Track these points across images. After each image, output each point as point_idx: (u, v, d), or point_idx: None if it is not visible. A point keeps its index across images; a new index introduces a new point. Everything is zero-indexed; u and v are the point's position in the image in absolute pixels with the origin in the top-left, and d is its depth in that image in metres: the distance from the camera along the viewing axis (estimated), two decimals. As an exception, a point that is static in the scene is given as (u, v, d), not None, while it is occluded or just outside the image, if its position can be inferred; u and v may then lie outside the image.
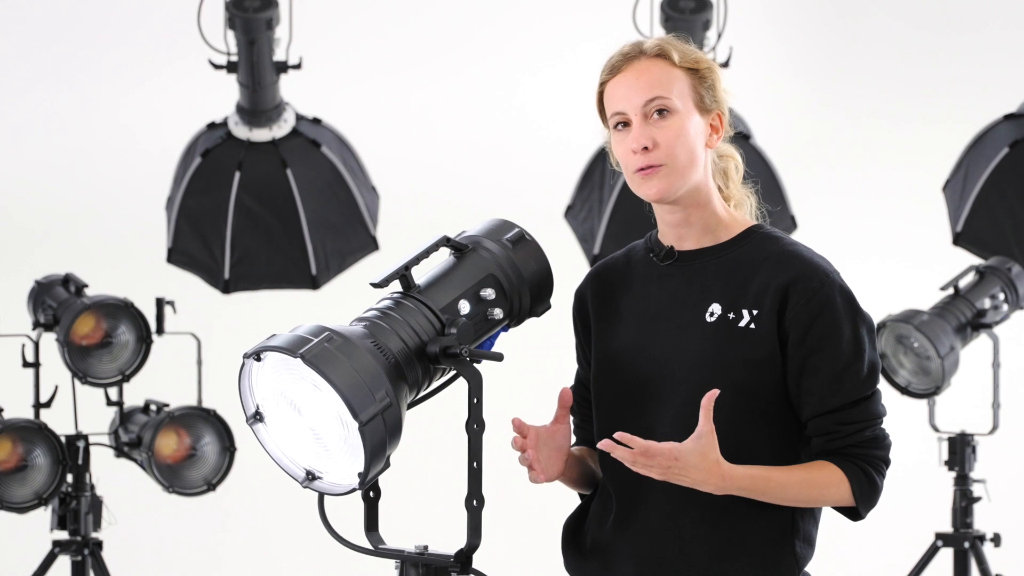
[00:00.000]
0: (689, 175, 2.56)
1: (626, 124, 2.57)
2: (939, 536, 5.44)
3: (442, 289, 2.49)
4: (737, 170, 2.69)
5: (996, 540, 5.38)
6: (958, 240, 5.83)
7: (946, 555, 5.46)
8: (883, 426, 2.56)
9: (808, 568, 2.61)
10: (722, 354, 2.53)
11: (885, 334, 5.45)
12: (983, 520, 5.49)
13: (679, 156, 2.54)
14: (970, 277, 5.53)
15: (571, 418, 2.70)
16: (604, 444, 2.43)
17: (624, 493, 2.59)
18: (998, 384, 5.47)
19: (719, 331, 2.54)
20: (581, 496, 2.74)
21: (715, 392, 2.43)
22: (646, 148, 2.54)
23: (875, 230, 7.20)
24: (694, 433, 2.43)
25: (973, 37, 7.29)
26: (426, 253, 2.51)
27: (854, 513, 2.58)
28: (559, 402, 2.59)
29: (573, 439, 2.73)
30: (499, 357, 2.45)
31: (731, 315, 2.54)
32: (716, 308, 2.56)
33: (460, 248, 2.55)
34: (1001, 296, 5.45)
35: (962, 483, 5.43)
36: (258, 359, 2.37)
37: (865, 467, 2.53)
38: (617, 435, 2.43)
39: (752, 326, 2.53)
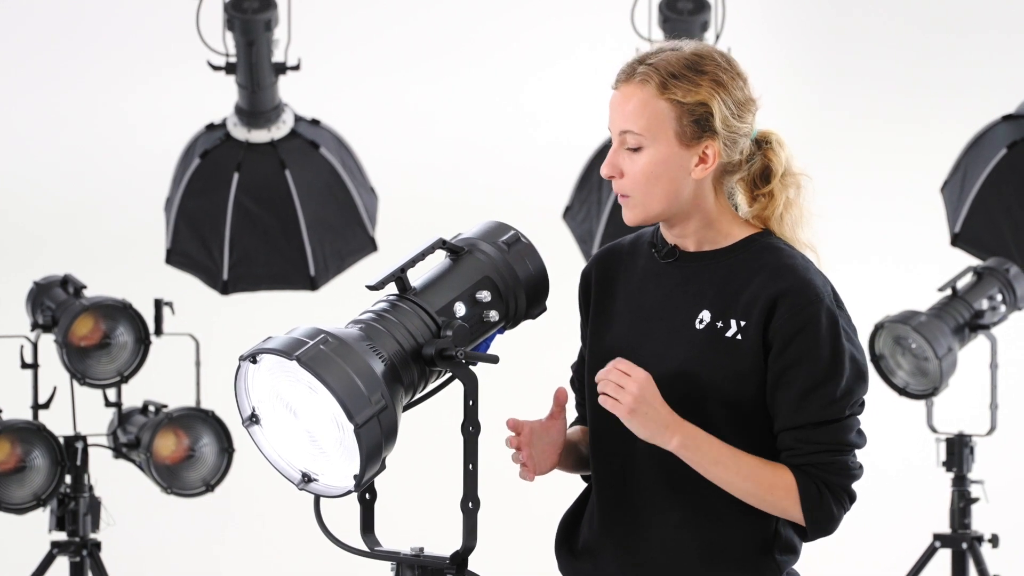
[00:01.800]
0: (662, 206, 2.54)
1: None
2: (937, 537, 5.44)
3: (438, 291, 2.49)
4: (787, 206, 2.59)
5: (994, 541, 5.38)
6: (956, 241, 5.83)
7: (944, 556, 5.46)
8: (854, 457, 2.52)
9: (804, 569, 2.61)
10: (707, 363, 2.52)
11: (883, 335, 5.45)
12: (981, 521, 5.48)
13: (643, 190, 2.53)
14: (968, 278, 5.53)
15: (572, 396, 2.71)
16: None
17: (607, 493, 2.60)
18: (996, 385, 5.47)
19: (706, 339, 2.53)
20: (584, 478, 2.73)
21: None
22: (613, 176, 2.55)
23: (873, 231, 7.20)
24: None
25: (971, 38, 7.29)
26: (422, 255, 2.52)
27: (803, 532, 2.55)
28: (555, 400, 2.59)
29: (573, 417, 2.73)
30: (494, 359, 2.45)
31: (719, 324, 2.53)
32: (706, 315, 2.55)
33: (456, 250, 2.55)
34: (999, 297, 5.45)
35: (960, 484, 5.43)
36: (254, 361, 2.37)
37: (821, 488, 2.50)
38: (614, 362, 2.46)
39: (739, 337, 2.52)
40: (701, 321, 2.55)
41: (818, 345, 2.48)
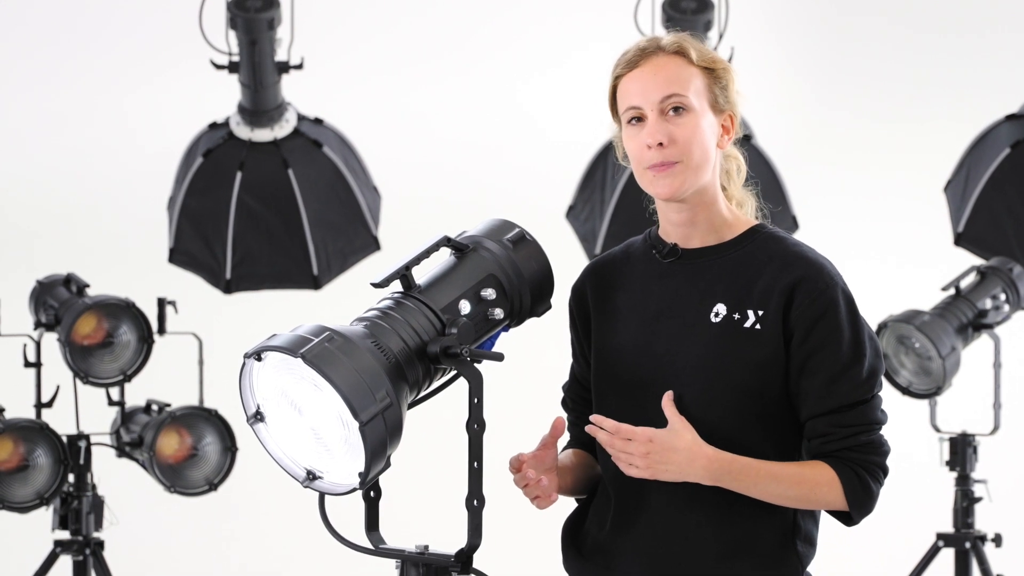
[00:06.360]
0: (701, 174, 2.57)
1: (640, 119, 2.57)
2: (940, 536, 5.44)
3: (443, 289, 2.49)
4: (739, 171, 2.70)
5: (997, 540, 5.38)
6: (959, 240, 5.83)
7: (947, 555, 5.47)
8: (881, 433, 2.56)
9: (809, 568, 2.61)
10: (727, 355, 2.53)
11: (886, 334, 5.45)
12: (984, 520, 5.49)
13: (694, 154, 2.55)
14: (971, 277, 5.53)
15: (566, 416, 2.71)
16: (588, 428, 2.50)
17: (625, 494, 2.59)
18: (999, 384, 5.47)
19: (724, 332, 2.54)
20: (577, 500, 2.75)
21: (671, 393, 2.49)
22: (662, 144, 2.54)
23: (876, 230, 7.20)
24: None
25: (974, 38, 7.29)
26: (427, 253, 2.51)
27: (847, 518, 2.58)
28: (551, 431, 2.58)
29: (566, 438, 2.73)
30: (499, 357, 2.45)
31: (736, 316, 2.55)
32: (721, 308, 2.56)
33: (461, 248, 2.55)
34: (1002, 296, 5.45)
35: (963, 483, 5.43)
36: (259, 359, 2.37)
37: (859, 471, 2.53)
38: (593, 418, 2.48)
39: (757, 327, 2.53)
40: (717, 315, 2.56)
41: (840, 328, 2.52)
